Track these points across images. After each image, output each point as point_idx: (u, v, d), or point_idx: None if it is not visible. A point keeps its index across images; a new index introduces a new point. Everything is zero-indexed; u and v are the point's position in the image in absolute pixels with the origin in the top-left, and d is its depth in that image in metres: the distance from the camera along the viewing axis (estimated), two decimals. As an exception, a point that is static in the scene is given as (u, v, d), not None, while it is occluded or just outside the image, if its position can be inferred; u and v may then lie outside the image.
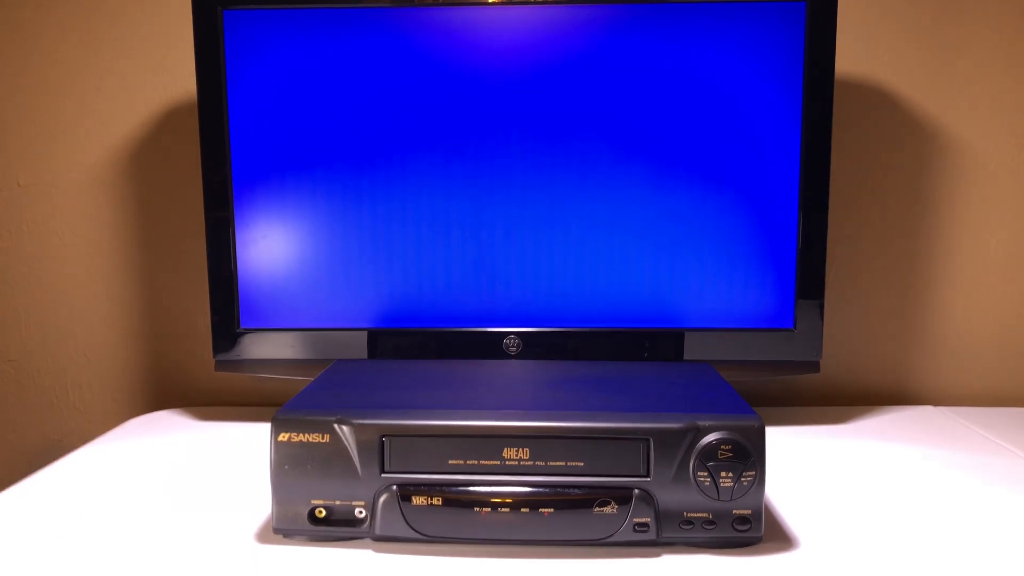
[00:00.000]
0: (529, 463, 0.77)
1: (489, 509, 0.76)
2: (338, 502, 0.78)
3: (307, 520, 0.78)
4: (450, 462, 0.77)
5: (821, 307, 1.10)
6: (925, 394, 1.28)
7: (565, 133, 1.09)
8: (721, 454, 0.75)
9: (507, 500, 0.76)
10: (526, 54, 1.07)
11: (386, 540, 0.79)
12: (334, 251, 1.11)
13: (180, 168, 1.31)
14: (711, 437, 0.76)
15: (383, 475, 0.77)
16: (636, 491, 0.76)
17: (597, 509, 0.76)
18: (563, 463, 0.77)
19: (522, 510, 0.76)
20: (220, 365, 1.13)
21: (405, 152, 1.09)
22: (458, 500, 0.76)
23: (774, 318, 1.12)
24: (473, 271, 1.12)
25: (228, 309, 1.15)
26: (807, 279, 1.10)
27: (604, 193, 1.09)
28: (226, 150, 1.10)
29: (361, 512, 0.78)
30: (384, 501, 0.77)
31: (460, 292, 1.13)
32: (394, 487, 0.77)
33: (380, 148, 1.09)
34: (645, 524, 0.76)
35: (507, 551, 0.78)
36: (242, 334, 1.14)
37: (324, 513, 0.79)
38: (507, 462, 0.77)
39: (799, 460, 1.03)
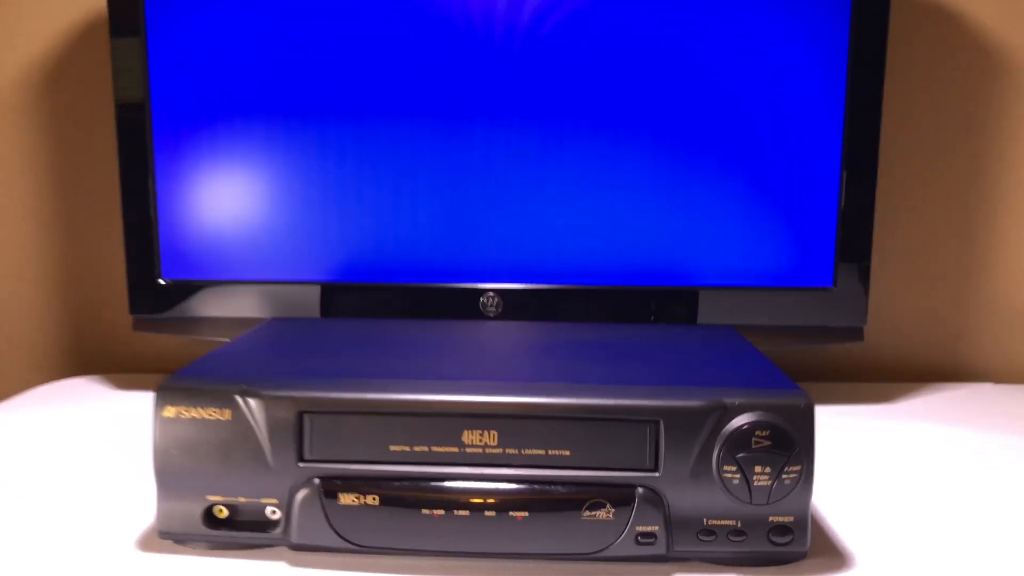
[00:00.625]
0: (498, 451, 0.57)
1: (443, 512, 0.57)
2: (243, 499, 0.59)
3: (202, 522, 0.59)
4: (391, 448, 0.58)
5: (867, 261, 0.90)
6: (983, 369, 1.08)
7: (560, 52, 0.88)
8: (756, 443, 0.56)
9: (468, 500, 0.57)
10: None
11: (307, 550, 0.60)
12: (280, 192, 0.92)
13: (97, 95, 1.10)
14: (742, 420, 0.56)
15: (301, 464, 0.58)
16: (640, 490, 0.57)
17: (588, 514, 0.57)
18: (543, 452, 0.57)
19: (487, 514, 0.57)
20: (139, 324, 0.94)
21: (365, 80, 0.89)
22: (401, 499, 0.57)
23: (809, 275, 0.92)
24: (446, 216, 0.92)
25: (146, 258, 0.95)
26: (850, 227, 0.90)
27: (603, 121, 0.88)
28: (144, 66, 0.90)
29: (275, 512, 0.59)
30: (303, 499, 0.58)
31: (430, 242, 0.94)
32: (316, 481, 0.58)
33: (336, 76, 0.89)
34: (651, 534, 0.57)
35: (467, 567, 0.59)
36: (165, 288, 0.94)
37: (225, 513, 0.59)
38: (468, 449, 0.57)
39: (844, 449, 0.83)
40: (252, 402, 0.58)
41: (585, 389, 0.58)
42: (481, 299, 0.92)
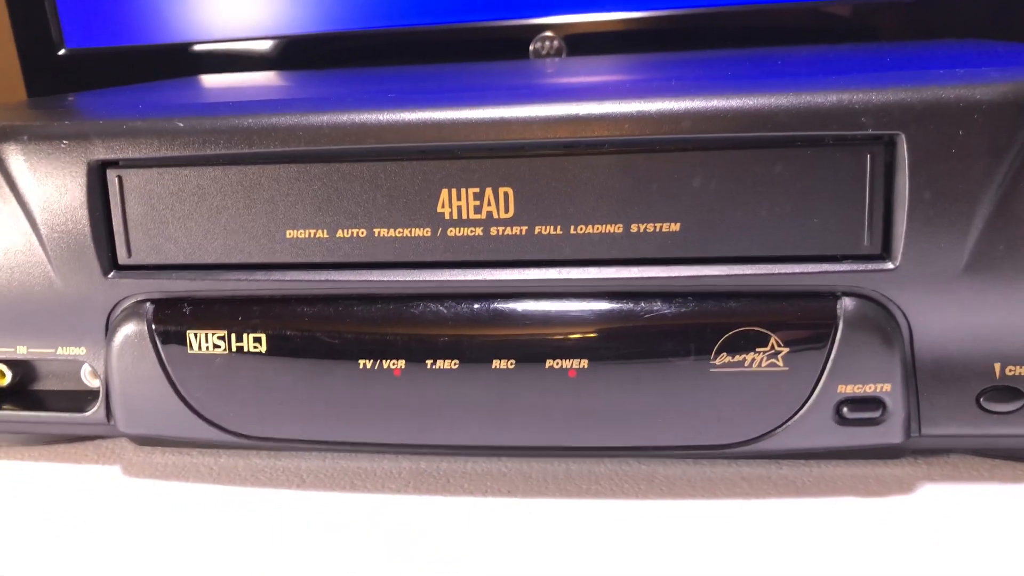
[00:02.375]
0: (515, 230, 0.26)
1: (402, 364, 0.26)
2: (27, 349, 0.29)
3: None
4: (288, 235, 0.27)
5: None
6: None
7: None
8: None
9: (453, 336, 0.26)
10: None
11: (153, 444, 0.31)
12: None
13: None
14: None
15: (114, 275, 0.28)
16: (846, 302, 0.24)
17: (726, 359, 0.25)
18: (616, 227, 0.25)
19: (497, 365, 0.26)
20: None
21: None
22: (314, 340, 0.27)
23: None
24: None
25: (39, 21, 0.64)
26: None
27: None
28: None
29: (93, 376, 0.30)
30: (123, 344, 0.28)
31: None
32: (145, 306, 0.28)
33: None
34: (874, 401, 0.25)
35: (459, 478, 0.28)
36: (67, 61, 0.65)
37: (7, 377, 0.30)
38: (450, 230, 0.26)
39: None
40: (11, 153, 0.27)
41: (723, 91, 0.25)
42: (533, 44, 0.59)
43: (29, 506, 0.28)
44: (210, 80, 0.50)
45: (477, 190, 0.26)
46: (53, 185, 0.27)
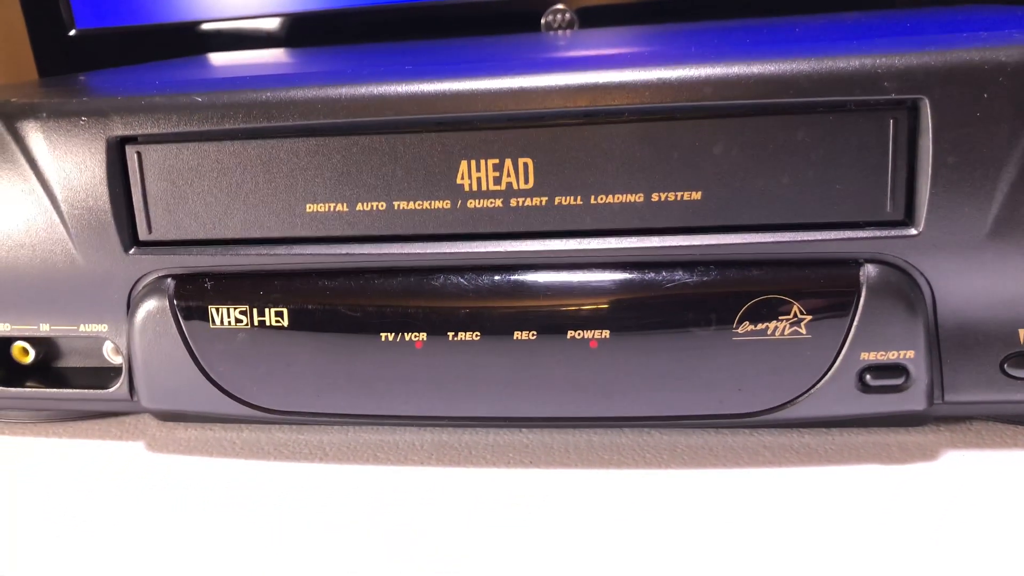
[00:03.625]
0: (535, 201, 0.26)
1: (423, 337, 0.26)
2: (50, 327, 0.30)
3: (-13, 376, 0.31)
4: (308, 209, 0.27)
5: None
6: None
7: None
8: None
9: (474, 308, 0.26)
10: None
11: (176, 419, 0.31)
12: None
13: None
14: None
15: (135, 252, 0.28)
16: (870, 268, 0.24)
17: (748, 327, 0.25)
18: (636, 196, 0.25)
19: (520, 336, 0.26)
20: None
21: None
22: (335, 314, 0.27)
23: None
24: None
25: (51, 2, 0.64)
26: None
27: None
28: None
29: (117, 352, 0.30)
30: (145, 320, 0.28)
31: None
32: (167, 282, 0.28)
33: None
34: (898, 368, 0.25)
35: (490, 448, 0.29)
36: (79, 41, 0.65)
37: (30, 356, 0.31)
38: (470, 202, 0.26)
39: None
40: (31, 131, 0.27)
41: (744, 57, 0.25)
42: (545, 18, 0.59)
43: (54, 483, 0.28)
44: (221, 58, 0.49)
45: (497, 161, 0.26)
46: (72, 162, 0.27)
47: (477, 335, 0.26)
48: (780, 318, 0.25)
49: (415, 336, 0.26)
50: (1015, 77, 0.23)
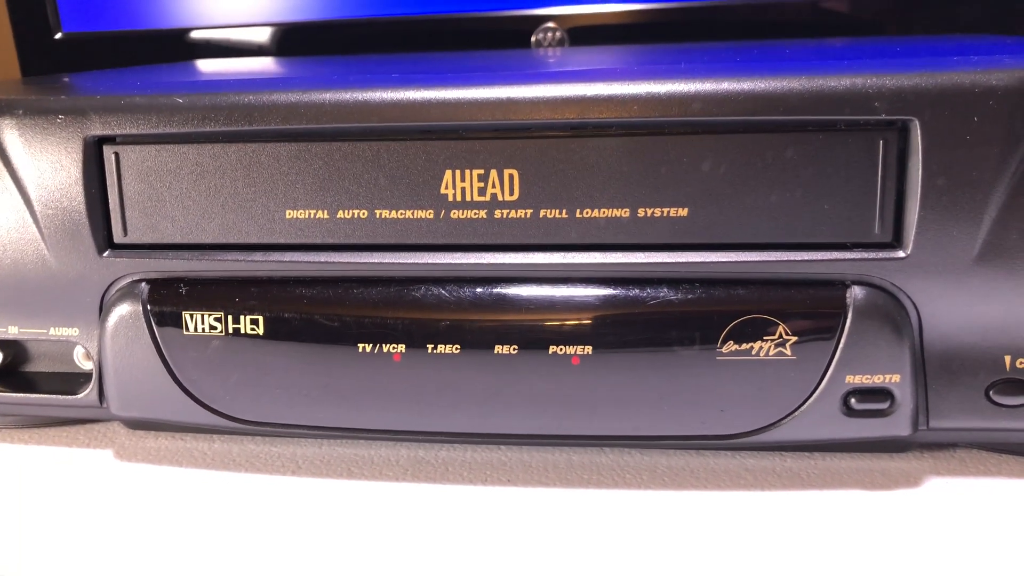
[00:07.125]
0: (520, 213, 0.25)
1: (402, 348, 0.26)
2: (18, 329, 0.29)
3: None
4: (288, 216, 0.26)
5: None
6: None
7: None
8: None
9: (456, 321, 0.25)
10: None
11: (147, 428, 0.30)
12: None
13: None
14: None
15: (109, 254, 0.27)
16: (856, 291, 0.24)
17: (732, 347, 0.24)
18: (622, 211, 0.25)
19: (500, 351, 0.25)
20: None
21: None
22: (312, 323, 0.26)
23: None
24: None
25: (37, 4, 0.64)
26: None
27: None
28: None
29: (86, 357, 0.29)
30: (117, 325, 0.27)
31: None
32: (140, 286, 0.27)
33: None
34: (882, 392, 0.24)
35: (467, 465, 0.28)
36: (64, 44, 0.64)
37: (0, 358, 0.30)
38: (453, 212, 0.26)
39: None
40: (6, 128, 0.27)
41: (734, 74, 0.25)
42: (535, 36, 0.59)
43: (19, 490, 0.28)
44: (208, 64, 0.49)
45: (482, 171, 0.25)
46: (48, 161, 0.27)
47: (457, 348, 0.26)
48: (765, 338, 0.24)
49: (393, 348, 0.26)
50: (1005, 101, 0.23)
